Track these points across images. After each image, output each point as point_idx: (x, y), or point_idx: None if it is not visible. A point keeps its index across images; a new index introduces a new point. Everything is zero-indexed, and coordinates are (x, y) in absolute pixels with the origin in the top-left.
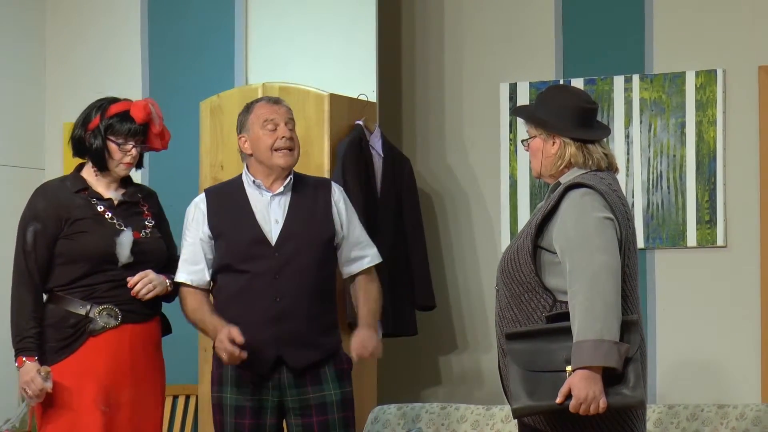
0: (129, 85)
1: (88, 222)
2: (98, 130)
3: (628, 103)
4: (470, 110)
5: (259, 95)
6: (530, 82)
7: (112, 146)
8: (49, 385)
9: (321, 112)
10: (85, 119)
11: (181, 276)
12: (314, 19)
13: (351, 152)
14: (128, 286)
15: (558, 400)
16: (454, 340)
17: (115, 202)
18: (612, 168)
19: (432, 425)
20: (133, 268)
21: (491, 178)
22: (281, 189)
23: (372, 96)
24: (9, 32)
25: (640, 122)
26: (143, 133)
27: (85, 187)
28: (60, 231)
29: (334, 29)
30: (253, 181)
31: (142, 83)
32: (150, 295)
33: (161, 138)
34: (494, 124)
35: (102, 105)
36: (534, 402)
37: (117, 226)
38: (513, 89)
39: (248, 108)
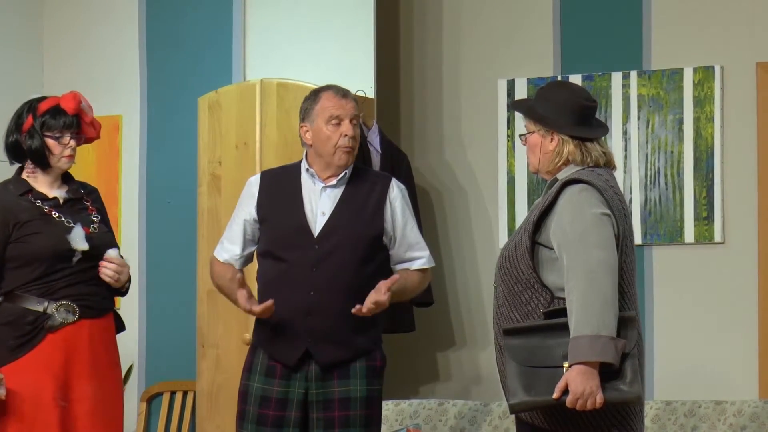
0: (127, 81)
1: (37, 223)
2: (33, 130)
3: (626, 99)
4: (468, 106)
5: (257, 91)
6: (528, 78)
7: (51, 142)
8: (2, 392)
9: None
10: (17, 123)
11: (218, 251)
12: (312, 15)
13: None
14: (104, 258)
15: (555, 396)
16: (452, 337)
17: (61, 201)
18: (610, 165)
19: (429, 421)
20: (88, 262)
21: (489, 174)
22: (334, 181)
23: (370, 92)
24: (5, 31)
25: (638, 118)
26: (77, 125)
27: (29, 189)
28: (9, 235)
29: (333, 25)
30: (307, 170)
31: (140, 79)
32: (108, 280)
33: (93, 127)
34: (492, 120)
35: (31, 105)
36: (531, 397)
37: (66, 224)
38: (511, 85)
39: (315, 96)
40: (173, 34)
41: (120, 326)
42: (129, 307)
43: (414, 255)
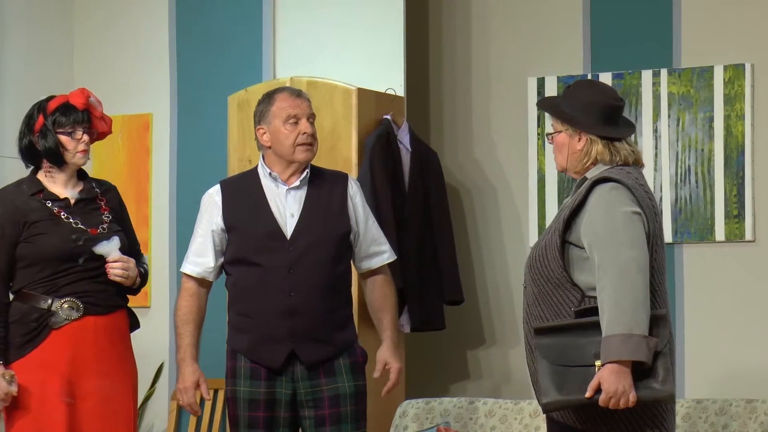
0: (156, 79)
1: (45, 224)
2: (45, 128)
3: (656, 97)
4: (498, 104)
5: None
6: (558, 76)
7: (64, 138)
8: (13, 389)
9: (349, 106)
10: (28, 125)
11: (186, 267)
12: (342, 13)
13: (378, 147)
14: (107, 260)
15: (587, 395)
16: (482, 335)
17: (72, 201)
18: (638, 163)
19: (460, 420)
20: (95, 261)
21: (519, 172)
22: (297, 183)
23: (400, 90)
24: (37, 29)
25: (668, 116)
26: (88, 120)
27: (41, 189)
28: (19, 235)
29: (362, 23)
30: (270, 173)
31: (170, 78)
32: (117, 279)
33: (104, 121)
34: (522, 118)
35: (41, 105)
36: (563, 396)
37: (74, 225)
38: (541, 83)
39: (269, 99)
40: (203, 32)
41: (134, 323)
42: (160, 306)
43: (379, 249)
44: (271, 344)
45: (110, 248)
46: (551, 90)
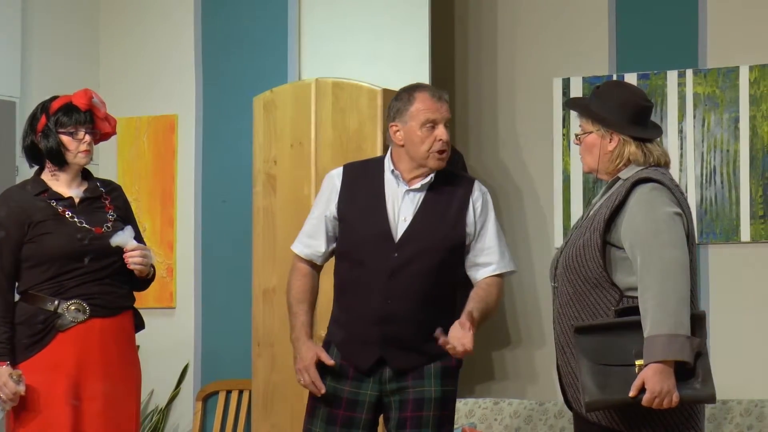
0: (182, 80)
1: (51, 223)
2: (48, 128)
3: (682, 97)
4: (523, 105)
5: (312, 90)
6: (583, 77)
7: (65, 138)
8: (21, 388)
9: (374, 107)
10: (31, 125)
11: (296, 247)
12: (367, 14)
13: None
14: (125, 249)
15: (631, 394)
16: (508, 336)
17: (76, 200)
18: (667, 165)
19: (485, 420)
20: (100, 261)
21: (544, 173)
22: (418, 185)
23: None
24: (62, 29)
25: (694, 117)
26: (90, 120)
27: (45, 190)
28: (24, 236)
29: (388, 24)
30: (392, 171)
31: (195, 78)
32: (136, 267)
33: (108, 122)
34: (547, 119)
35: (44, 105)
36: (606, 396)
37: (78, 224)
38: (566, 84)
39: (409, 97)
40: (229, 33)
41: (139, 324)
42: (185, 306)
43: (484, 260)
44: (361, 346)
45: (126, 238)
46: (576, 91)
